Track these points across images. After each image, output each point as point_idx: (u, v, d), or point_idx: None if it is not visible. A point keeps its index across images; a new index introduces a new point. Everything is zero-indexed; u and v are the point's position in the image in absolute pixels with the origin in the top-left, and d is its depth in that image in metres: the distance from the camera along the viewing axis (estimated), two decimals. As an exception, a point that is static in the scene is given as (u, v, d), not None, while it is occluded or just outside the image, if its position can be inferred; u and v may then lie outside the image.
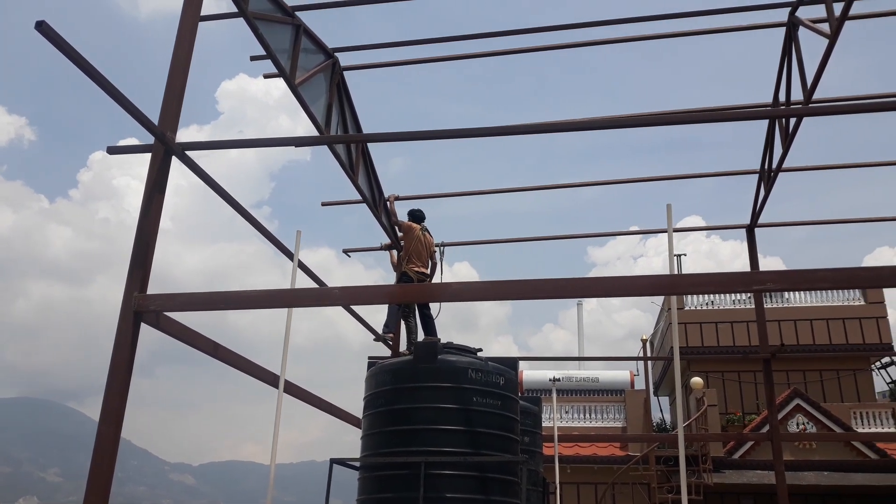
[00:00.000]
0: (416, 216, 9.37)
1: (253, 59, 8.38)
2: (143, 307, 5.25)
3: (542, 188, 12.90)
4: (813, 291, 23.05)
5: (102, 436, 4.96)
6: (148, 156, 5.77)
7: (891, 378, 23.95)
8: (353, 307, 9.96)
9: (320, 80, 8.54)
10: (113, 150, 6.30)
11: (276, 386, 7.27)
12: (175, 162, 5.92)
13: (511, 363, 7.28)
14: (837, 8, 7.23)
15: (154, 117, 5.69)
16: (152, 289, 5.45)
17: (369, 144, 10.33)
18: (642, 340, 23.56)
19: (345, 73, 9.28)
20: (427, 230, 9.23)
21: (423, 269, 8.87)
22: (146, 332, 5.47)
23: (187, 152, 6.02)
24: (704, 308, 23.84)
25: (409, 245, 8.94)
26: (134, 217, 5.66)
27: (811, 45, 8.01)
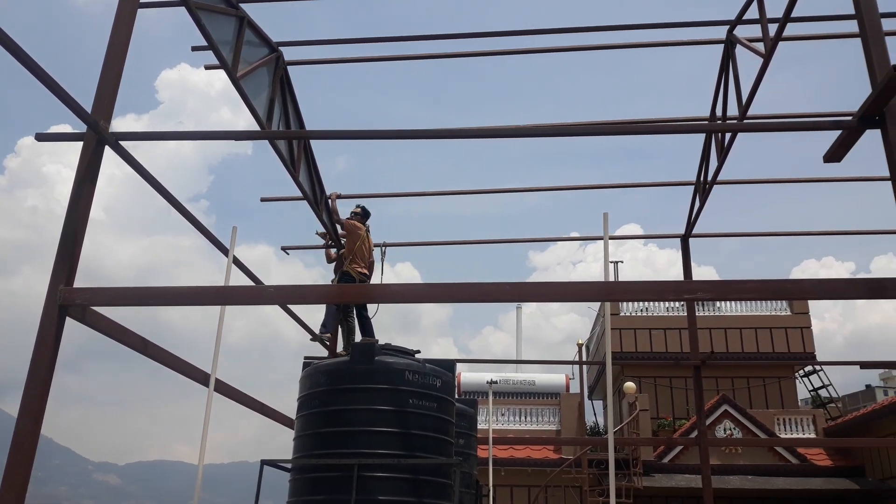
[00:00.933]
0: (366, 213, 9.23)
1: (194, 49, 8.18)
2: (68, 301, 5.06)
3: (487, 192, 12.96)
4: (742, 301, 23.84)
5: (20, 432, 4.76)
6: (80, 144, 5.57)
7: (813, 386, 24.95)
8: (291, 306, 9.82)
9: (263, 73, 8.39)
10: (42, 137, 6.05)
11: (207, 385, 7.10)
12: (109, 151, 5.73)
13: (448, 365, 7.29)
14: (772, 29, 7.50)
15: (88, 105, 5.50)
16: (80, 282, 5.27)
17: (313, 141, 10.21)
18: (578, 345, 23.93)
19: (290, 68, 9.16)
20: (369, 230, 9.17)
21: (365, 270, 8.80)
22: (76, 326, 5.28)
23: (121, 142, 5.83)
24: (639, 314, 24.39)
25: (354, 245, 8.85)
26: (64, 207, 5.45)
27: (748, 62, 8.28)
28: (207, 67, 8.62)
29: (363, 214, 9.21)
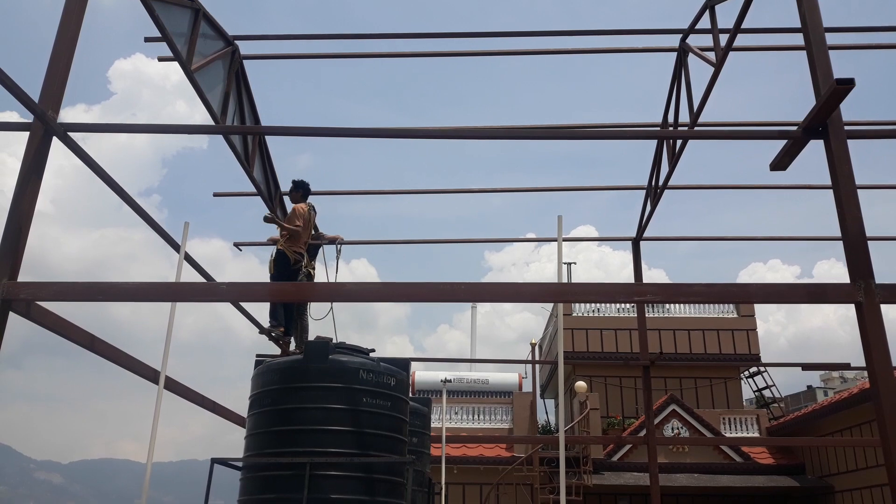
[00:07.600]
0: (306, 189, 8.83)
1: (148, 40, 8.01)
2: (12, 295, 4.93)
3: (447, 192, 12.96)
4: (689, 304, 24.35)
5: (-41, 432, 4.61)
6: (26, 134, 5.42)
7: (757, 386, 25.64)
8: (243, 303, 9.69)
9: (218, 67, 8.28)
10: (-15, 126, 5.87)
11: (157, 382, 6.98)
12: (57, 142, 5.59)
13: (403, 364, 7.30)
14: (723, 39, 7.69)
15: (36, 94, 5.35)
16: (25, 276, 5.13)
17: (274, 138, 10.10)
18: (531, 344, 24.17)
19: (249, 64, 9.04)
20: (313, 208, 8.93)
21: (301, 250, 8.55)
22: (16, 320, 5.14)
23: (70, 133, 5.70)
24: (591, 315, 24.71)
25: (294, 225, 8.62)
26: (9, 198, 5.30)
27: (700, 71, 8.48)
28: (161, 59, 8.45)
29: (305, 187, 8.83)
